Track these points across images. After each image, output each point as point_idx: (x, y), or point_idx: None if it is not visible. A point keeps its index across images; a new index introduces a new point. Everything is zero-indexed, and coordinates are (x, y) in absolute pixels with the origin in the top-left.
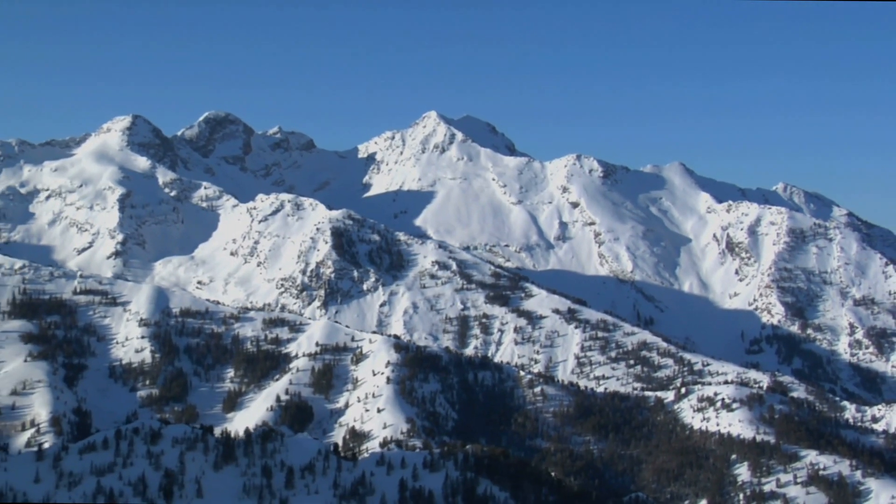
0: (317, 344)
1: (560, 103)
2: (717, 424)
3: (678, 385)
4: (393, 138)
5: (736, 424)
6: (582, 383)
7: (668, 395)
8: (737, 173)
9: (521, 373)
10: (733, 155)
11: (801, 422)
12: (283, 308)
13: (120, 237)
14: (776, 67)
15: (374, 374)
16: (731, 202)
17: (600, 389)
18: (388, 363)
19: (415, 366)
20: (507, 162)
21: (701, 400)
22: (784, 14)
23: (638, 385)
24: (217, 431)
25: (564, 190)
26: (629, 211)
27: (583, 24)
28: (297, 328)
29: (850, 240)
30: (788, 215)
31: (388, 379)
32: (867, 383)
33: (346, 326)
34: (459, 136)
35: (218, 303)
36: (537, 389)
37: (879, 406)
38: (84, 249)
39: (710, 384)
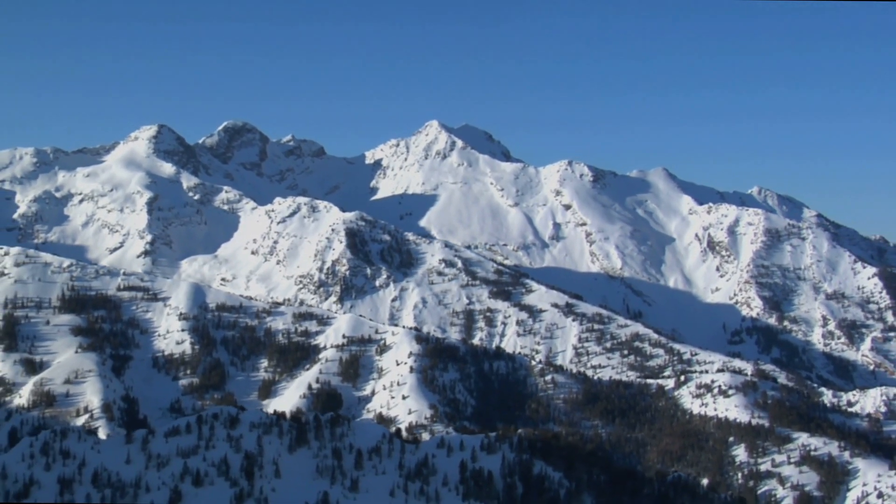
0: (343, 336)
1: (552, 112)
2: (715, 409)
3: (669, 373)
4: (398, 145)
5: (732, 409)
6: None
7: (669, 383)
8: (715, 176)
9: (533, 362)
10: (712, 159)
11: (791, 406)
12: (301, 303)
13: (148, 237)
14: (751, 77)
15: (398, 364)
16: (711, 204)
17: (596, 378)
18: (411, 354)
19: (435, 356)
20: (504, 167)
21: (699, 387)
22: (759, 26)
23: (632, 374)
24: None
25: (557, 193)
26: (617, 212)
27: (574, 38)
28: (324, 321)
29: (822, 239)
30: (764, 216)
31: (411, 368)
32: (839, 371)
33: (371, 320)
34: (459, 143)
35: (250, 298)
36: (548, 378)
37: (854, 392)
38: (115, 249)
39: (705, 372)
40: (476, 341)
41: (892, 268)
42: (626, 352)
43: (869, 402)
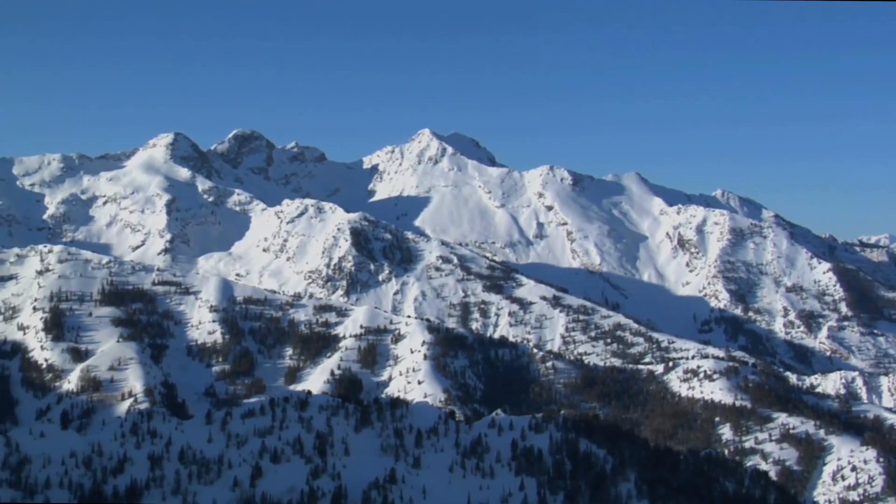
0: (361, 326)
1: (534, 120)
2: (702, 392)
3: (649, 359)
4: (393, 152)
5: (717, 392)
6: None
7: (658, 368)
8: (682, 179)
9: (534, 350)
10: (679, 163)
11: (770, 389)
12: (310, 296)
13: (168, 236)
14: (714, 85)
15: (412, 352)
16: (680, 206)
17: (592, 364)
18: (424, 342)
19: (446, 345)
20: (491, 172)
21: (686, 372)
22: (722, 37)
23: (615, 360)
24: None
25: (540, 195)
26: (595, 213)
27: (554, 52)
28: (343, 313)
29: (781, 237)
30: (729, 217)
31: (424, 356)
32: (800, 357)
33: (385, 312)
34: (450, 149)
35: (274, 291)
36: (549, 364)
37: (816, 376)
38: (137, 247)
39: (682, 359)
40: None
41: (843, 263)
42: (609, 340)
43: (830, 385)
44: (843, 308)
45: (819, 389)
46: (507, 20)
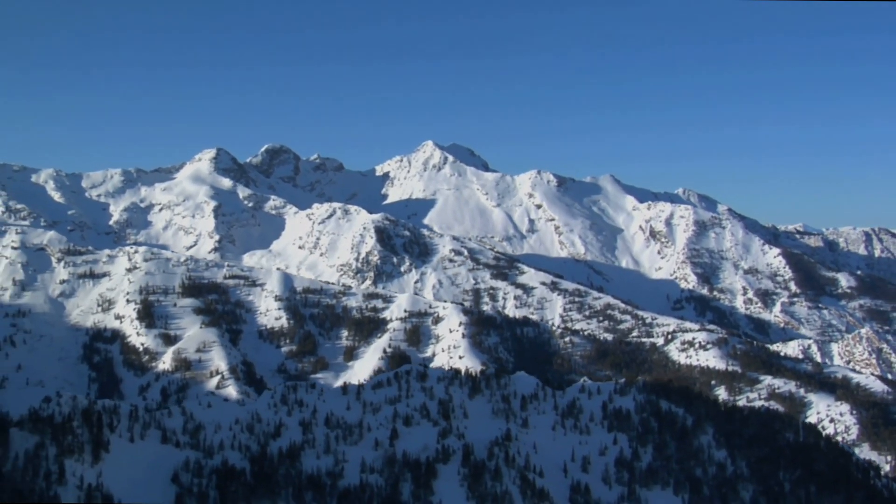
0: (405, 311)
1: (520, 130)
2: (698, 360)
3: (636, 334)
4: (401, 161)
5: (711, 359)
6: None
7: (659, 340)
8: (648, 179)
9: (553, 327)
10: (646, 164)
11: (755, 356)
12: (343, 286)
13: (216, 237)
14: (671, 97)
15: (451, 332)
16: (650, 202)
17: (603, 339)
18: (461, 323)
19: (479, 325)
20: (487, 176)
21: (683, 343)
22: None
23: (608, 335)
24: (344, 376)
25: (530, 196)
26: (578, 210)
27: (538, 70)
28: (388, 300)
29: (737, 227)
30: (693, 211)
31: (462, 334)
32: (758, 329)
33: (424, 298)
34: (450, 158)
35: (327, 282)
36: (566, 339)
37: (778, 344)
38: (191, 247)
39: (671, 333)
40: None
41: (790, 249)
42: (601, 318)
43: (790, 351)
44: (793, 286)
45: (783, 355)
46: (496, 44)
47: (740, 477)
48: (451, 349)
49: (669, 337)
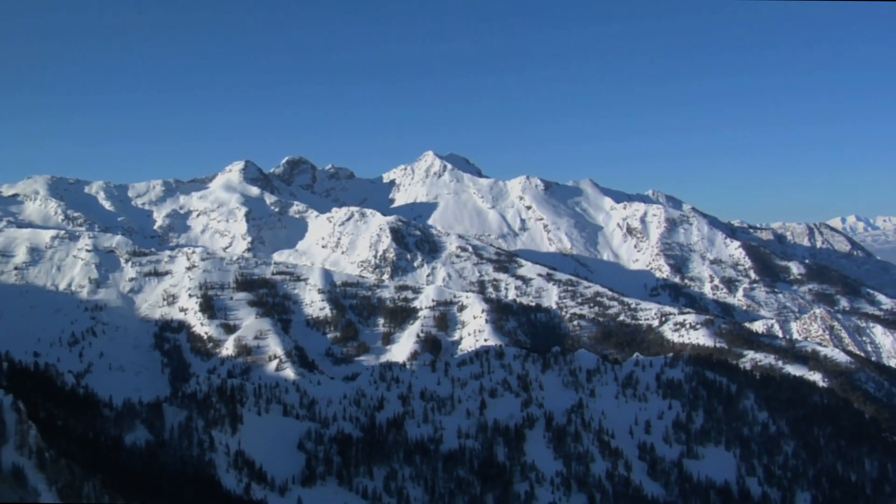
0: (432, 300)
1: (510, 140)
2: (689, 339)
3: (624, 318)
4: (405, 169)
5: (701, 338)
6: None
7: (654, 322)
8: (620, 181)
9: (563, 312)
10: (620, 167)
11: (738, 334)
12: (377, 279)
13: (249, 239)
14: (639, 107)
15: (475, 318)
16: (626, 203)
17: (604, 321)
18: (483, 310)
19: (498, 311)
20: (482, 182)
21: (675, 324)
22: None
23: (600, 319)
24: (383, 358)
25: (521, 198)
26: (563, 210)
27: (523, 89)
28: (417, 291)
29: (702, 224)
30: (664, 210)
31: (486, 320)
32: (725, 312)
33: (449, 288)
34: (449, 166)
35: (363, 276)
36: (575, 323)
37: (745, 324)
38: (227, 248)
39: (656, 317)
40: None
41: (748, 241)
42: (592, 304)
43: (756, 329)
44: (752, 274)
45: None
46: (485, 66)
47: (782, 434)
48: (476, 333)
49: (663, 319)
